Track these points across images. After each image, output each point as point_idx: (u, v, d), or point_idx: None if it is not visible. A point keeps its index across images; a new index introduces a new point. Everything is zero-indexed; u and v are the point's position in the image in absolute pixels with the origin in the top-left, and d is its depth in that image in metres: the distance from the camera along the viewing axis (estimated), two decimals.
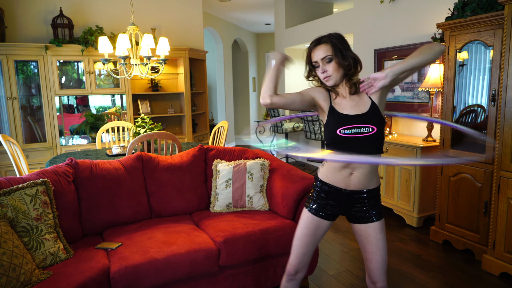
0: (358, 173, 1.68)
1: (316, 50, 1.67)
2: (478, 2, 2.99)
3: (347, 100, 1.70)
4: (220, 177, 2.81)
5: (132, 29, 3.60)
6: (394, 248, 3.30)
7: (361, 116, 1.64)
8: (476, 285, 2.70)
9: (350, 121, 1.63)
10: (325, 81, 1.68)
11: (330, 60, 1.65)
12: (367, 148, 1.63)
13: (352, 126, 1.62)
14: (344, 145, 1.64)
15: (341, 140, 1.64)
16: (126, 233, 2.39)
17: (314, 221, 1.76)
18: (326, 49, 1.65)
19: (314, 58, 1.68)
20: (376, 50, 4.66)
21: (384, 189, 4.05)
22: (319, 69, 1.68)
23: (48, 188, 2.16)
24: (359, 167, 1.67)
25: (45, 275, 1.87)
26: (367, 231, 1.73)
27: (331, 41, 1.65)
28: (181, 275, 2.14)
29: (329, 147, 1.70)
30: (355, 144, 1.63)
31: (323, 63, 1.66)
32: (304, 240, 1.78)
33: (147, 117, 3.75)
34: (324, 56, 1.64)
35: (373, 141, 1.64)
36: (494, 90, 2.84)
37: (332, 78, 1.66)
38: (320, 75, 1.69)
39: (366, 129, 1.61)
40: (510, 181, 2.65)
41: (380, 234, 1.72)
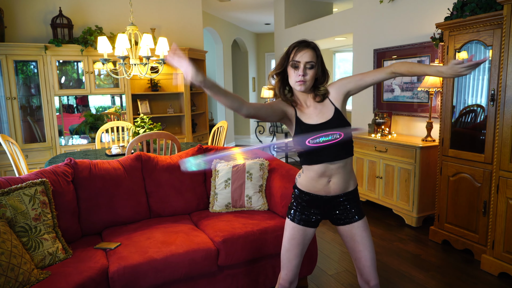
0: (336, 179, 1.70)
1: (304, 51, 1.63)
2: (477, 2, 2.98)
3: (311, 109, 1.71)
4: (219, 177, 2.81)
5: (131, 29, 3.60)
6: (393, 248, 3.30)
7: (326, 124, 1.66)
8: (475, 285, 2.70)
9: (317, 131, 1.64)
10: (297, 84, 1.64)
11: (312, 67, 1.64)
12: (337, 154, 1.66)
13: (320, 135, 1.63)
14: (314, 154, 1.66)
15: (310, 151, 1.66)
16: (125, 233, 2.39)
17: (301, 231, 1.77)
18: (312, 55, 1.64)
19: (298, 57, 1.63)
20: (375, 50, 4.66)
21: (383, 189, 4.05)
22: (298, 71, 1.63)
23: (47, 188, 2.16)
24: (336, 174, 1.69)
25: (43, 275, 1.87)
26: (351, 231, 1.75)
27: (317, 50, 1.67)
28: (180, 275, 2.14)
29: (301, 157, 1.72)
30: (325, 152, 1.65)
31: (304, 66, 1.63)
32: (293, 251, 1.78)
33: (146, 117, 3.75)
34: (309, 60, 1.63)
35: (342, 146, 1.65)
36: (493, 90, 2.84)
37: (305, 84, 1.65)
38: (294, 77, 1.64)
39: (333, 136, 1.62)
40: (509, 181, 2.65)
41: (365, 232, 1.75)
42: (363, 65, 4.91)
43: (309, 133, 1.64)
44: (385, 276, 2.83)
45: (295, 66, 1.64)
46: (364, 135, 4.37)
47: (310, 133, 1.64)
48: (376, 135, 4.20)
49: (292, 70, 1.65)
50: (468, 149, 3.11)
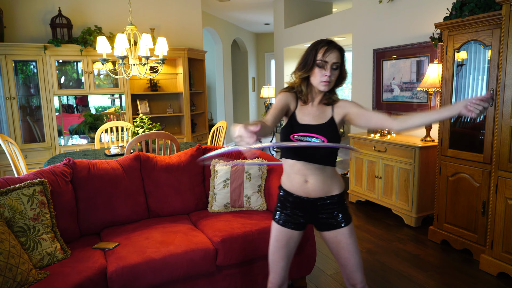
0: (313, 180, 1.69)
1: (332, 52, 1.61)
2: (476, 2, 2.98)
3: (312, 109, 1.71)
4: (218, 177, 2.81)
5: (131, 29, 3.60)
6: (392, 248, 3.30)
7: (316, 127, 1.67)
8: (474, 285, 2.70)
9: (304, 130, 1.65)
10: (322, 84, 1.63)
11: (337, 68, 1.63)
12: (316, 158, 1.66)
13: (304, 135, 1.65)
14: (294, 151, 1.68)
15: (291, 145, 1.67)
16: (123, 233, 2.39)
17: (284, 233, 1.76)
18: (338, 56, 1.62)
19: (326, 58, 1.60)
20: (375, 50, 4.66)
21: (382, 188, 4.05)
22: (324, 71, 1.61)
23: (45, 188, 2.16)
24: (312, 174, 1.68)
25: (42, 275, 1.87)
26: (337, 238, 1.73)
27: (342, 52, 1.65)
28: (179, 275, 2.14)
29: (283, 151, 1.74)
30: (304, 152, 1.66)
31: (331, 67, 1.61)
32: (278, 254, 1.77)
33: (145, 117, 3.75)
34: (336, 61, 1.61)
35: (322, 153, 1.65)
36: (492, 90, 2.84)
37: (329, 85, 1.64)
38: (319, 76, 1.62)
39: (318, 139, 1.64)
40: (508, 181, 2.65)
41: (350, 239, 1.72)
42: (363, 65, 4.91)
43: (295, 129, 1.67)
44: (383, 276, 2.83)
45: (322, 66, 1.61)
46: (363, 135, 4.37)
47: (297, 130, 1.67)
48: (375, 135, 4.20)
49: (317, 69, 1.62)
50: (467, 149, 3.11)
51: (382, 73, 4.58)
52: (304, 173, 1.69)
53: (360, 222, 3.93)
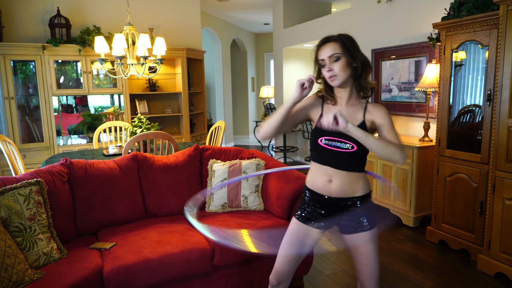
0: (337, 181, 1.65)
1: (323, 48, 1.60)
2: (474, 2, 2.98)
3: (341, 110, 1.66)
4: (215, 177, 2.81)
5: (129, 29, 3.60)
6: (390, 248, 3.30)
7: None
8: (471, 285, 2.70)
9: (332, 133, 1.59)
10: (331, 81, 1.60)
11: (337, 59, 1.57)
12: (344, 164, 1.62)
13: (332, 138, 1.61)
14: (322, 154, 1.65)
15: (320, 149, 1.65)
16: (120, 233, 2.39)
17: (302, 228, 1.73)
18: (334, 47, 1.58)
19: (320, 56, 1.60)
20: (373, 50, 4.66)
21: (381, 188, 4.05)
22: (325, 68, 1.60)
23: (42, 188, 2.16)
24: (337, 175, 1.65)
25: (38, 275, 1.87)
26: (357, 241, 1.68)
27: (340, 39, 1.60)
28: (175, 275, 2.14)
29: (312, 152, 1.71)
30: (332, 156, 1.63)
31: (330, 61, 1.58)
32: (290, 247, 1.74)
33: (143, 117, 3.75)
34: (331, 54, 1.57)
35: (352, 159, 1.62)
36: (489, 90, 2.84)
37: (338, 78, 1.59)
38: (325, 74, 1.61)
39: (346, 145, 1.59)
40: (505, 181, 2.65)
41: (370, 244, 1.67)
42: None
43: (323, 132, 1.61)
44: (381, 276, 2.82)
45: (322, 66, 1.62)
46: None
47: (325, 132, 1.60)
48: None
49: (323, 70, 1.62)
50: (464, 149, 3.11)
51: (381, 73, 4.58)
52: (330, 174, 1.66)
53: None
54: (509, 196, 2.63)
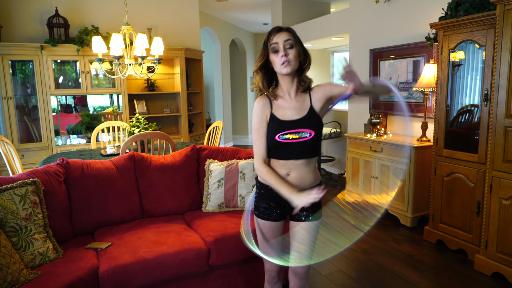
0: (295, 174, 1.69)
1: (279, 33, 1.62)
2: (471, 2, 2.98)
3: (290, 103, 1.69)
4: (212, 177, 2.81)
5: (126, 29, 3.60)
6: (387, 248, 3.30)
7: (299, 121, 1.66)
8: (468, 285, 2.69)
9: (288, 127, 1.64)
10: (283, 67, 1.61)
11: (291, 46, 1.62)
12: (303, 153, 1.67)
13: (290, 131, 1.64)
14: (282, 149, 1.67)
15: (279, 145, 1.66)
16: (117, 233, 2.39)
17: (267, 225, 1.77)
18: (288, 35, 1.63)
19: (274, 39, 1.61)
20: (371, 50, 4.65)
21: (379, 189, 4.05)
22: (279, 53, 1.61)
23: (38, 188, 2.16)
24: (296, 169, 1.68)
25: (33, 275, 1.87)
26: (295, 228, 1.75)
27: (292, 32, 1.65)
28: (171, 275, 2.14)
29: (270, 151, 1.70)
30: (292, 149, 1.66)
31: (284, 47, 1.61)
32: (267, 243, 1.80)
33: (141, 117, 3.75)
34: (287, 38, 1.61)
35: (310, 146, 1.67)
36: (486, 90, 2.84)
37: (291, 65, 1.62)
38: (278, 60, 1.61)
39: (304, 134, 1.64)
40: (502, 181, 2.65)
41: (308, 234, 1.74)
42: (360, 65, 4.90)
43: (279, 128, 1.65)
44: (378, 276, 2.83)
45: (275, 50, 1.62)
46: (360, 135, 4.37)
47: (281, 128, 1.65)
48: (372, 135, 4.20)
49: (274, 56, 1.63)
50: (462, 149, 3.11)
51: (379, 73, 4.58)
52: (289, 167, 1.69)
53: None
54: (506, 196, 2.63)
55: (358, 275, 2.85)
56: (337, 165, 6.06)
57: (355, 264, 3.03)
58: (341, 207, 1.95)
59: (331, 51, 7.53)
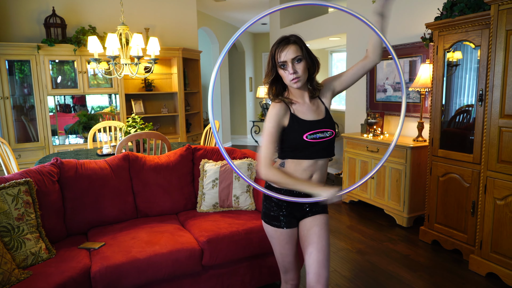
0: (317, 176, 1.71)
1: (286, 50, 1.59)
2: (466, 2, 2.98)
3: (307, 106, 1.69)
4: (207, 177, 2.81)
5: (122, 28, 3.60)
6: (382, 248, 3.30)
7: (322, 121, 1.68)
8: (462, 285, 2.69)
9: (315, 127, 1.65)
10: (293, 83, 1.61)
11: (299, 61, 1.60)
12: (326, 152, 1.69)
13: (317, 131, 1.65)
14: (308, 150, 1.65)
15: (306, 145, 1.64)
16: (110, 233, 2.39)
17: (291, 233, 1.75)
18: (296, 49, 1.59)
19: (282, 58, 1.58)
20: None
21: (375, 189, 4.05)
22: (287, 70, 1.59)
23: (31, 188, 2.15)
24: (318, 170, 1.70)
25: (24, 275, 1.87)
26: (312, 222, 1.74)
27: (299, 42, 1.62)
28: (163, 275, 2.14)
29: (292, 153, 1.67)
30: (317, 148, 1.66)
31: (292, 63, 1.59)
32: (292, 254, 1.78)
33: (138, 117, 3.75)
34: (295, 56, 1.58)
35: (330, 145, 1.71)
36: (481, 90, 2.84)
37: (301, 79, 1.61)
38: (287, 76, 1.60)
39: (327, 133, 1.67)
40: (496, 181, 2.65)
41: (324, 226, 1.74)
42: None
43: (306, 128, 1.63)
44: (372, 276, 2.83)
45: (284, 67, 1.60)
46: (357, 135, 4.37)
47: (307, 128, 1.63)
48: (368, 135, 4.20)
49: (282, 71, 1.61)
50: (457, 149, 3.11)
51: (376, 73, 4.58)
52: (312, 169, 1.68)
53: (353, 222, 3.92)
54: (500, 196, 2.63)
55: (353, 275, 2.84)
56: (334, 165, 6.06)
57: (350, 264, 3.03)
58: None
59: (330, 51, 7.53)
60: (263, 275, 2.50)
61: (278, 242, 1.77)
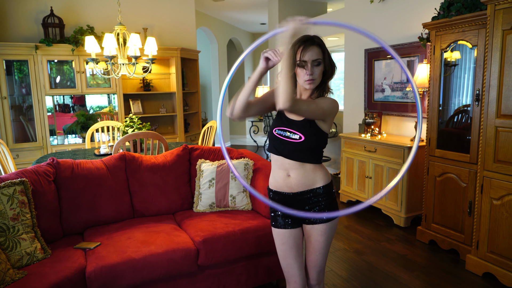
0: (295, 174, 1.69)
1: (309, 50, 1.58)
2: (463, 2, 2.98)
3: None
4: (203, 177, 2.81)
5: (119, 28, 3.59)
6: (380, 248, 3.29)
7: (294, 122, 1.68)
8: (459, 285, 2.69)
9: (284, 124, 1.68)
10: (307, 83, 1.61)
11: (319, 64, 1.60)
12: (295, 155, 1.67)
13: (283, 129, 1.67)
14: (275, 144, 1.71)
15: (273, 139, 1.71)
16: (106, 233, 2.39)
17: (288, 233, 1.76)
18: (318, 52, 1.60)
19: (304, 57, 1.58)
20: (366, 50, 4.65)
21: (373, 189, 4.05)
22: (305, 70, 1.59)
23: (26, 187, 2.15)
24: (294, 168, 1.69)
25: (19, 275, 1.87)
26: (310, 231, 1.74)
27: (322, 45, 1.62)
28: (159, 275, 2.13)
29: (270, 144, 1.75)
30: (283, 146, 1.68)
31: (312, 64, 1.59)
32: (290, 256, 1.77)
33: (135, 117, 3.75)
34: (316, 58, 1.59)
35: (302, 150, 1.66)
36: (478, 90, 2.84)
37: (315, 82, 1.62)
38: (302, 76, 1.61)
39: (295, 135, 1.65)
40: (493, 181, 2.65)
41: (321, 237, 1.72)
42: (355, 65, 4.90)
43: (278, 123, 1.70)
44: (369, 276, 2.83)
45: (302, 66, 1.61)
46: (354, 135, 4.37)
47: (279, 123, 1.70)
48: (366, 135, 4.20)
49: (299, 70, 1.61)
50: (454, 149, 3.11)
51: (374, 73, 4.58)
52: (286, 167, 1.70)
53: (350, 222, 3.92)
54: (497, 196, 2.63)
55: (350, 275, 2.84)
56: (333, 165, 6.06)
57: (347, 264, 3.03)
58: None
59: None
60: (260, 275, 2.49)
61: (276, 242, 1.81)
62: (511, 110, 2.52)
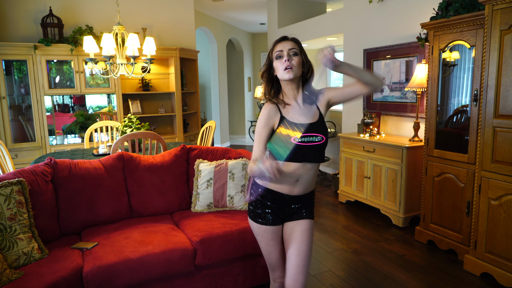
0: (303, 180, 1.72)
1: (283, 43, 1.68)
2: (461, 2, 2.98)
3: (298, 109, 1.71)
4: (201, 177, 2.81)
5: (118, 28, 3.60)
6: (378, 248, 3.29)
7: (313, 125, 1.68)
8: (457, 285, 2.69)
9: (305, 129, 1.66)
10: (285, 73, 1.64)
11: (295, 54, 1.67)
12: (315, 157, 1.69)
13: (305, 135, 1.65)
14: (296, 152, 1.64)
15: (298, 148, 1.64)
16: (104, 233, 2.39)
17: (276, 230, 1.78)
18: (293, 44, 1.69)
19: (279, 47, 1.67)
20: (365, 50, 4.65)
21: (371, 189, 4.05)
22: (282, 59, 1.64)
23: (23, 187, 2.15)
24: (305, 175, 1.70)
25: (16, 275, 1.87)
26: (295, 227, 1.77)
27: (297, 42, 1.71)
28: (156, 275, 2.13)
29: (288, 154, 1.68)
30: (306, 152, 1.66)
31: (288, 54, 1.65)
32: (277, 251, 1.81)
33: (134, 117, 3.75)
34: (292, 47, 1.66)
35: (320, 150, 1.70)
36: (476, 90, 2.84)
37: (293, 71, 1.64)
38: (280, 66, 1.65)
39: (318, 137, 1.66)
40: (490, 181, 2.65)
41: (307, 232, 1.77)
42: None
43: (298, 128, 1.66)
44: (367, 276, 2.83)
45: (279, 56, 1.66)
46: (353, 135, 4.37)
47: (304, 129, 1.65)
48: (365, 135, 4.20)
49: (277, 62, 1.67)
50: (452, 149, 3.11)
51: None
52: (299, 173, 1.69)
53: (349, 223, 3.92)
54: (495, 196, 2.63)
55: (348, 275, 2.84)
56: (332, 165, 6.06)
57: (345, 264, 3.03)
58: None
59: None
60: (257, 275, 2.50)
61: (263, 239, 1.81)
62: (509, 110, 2.52)
